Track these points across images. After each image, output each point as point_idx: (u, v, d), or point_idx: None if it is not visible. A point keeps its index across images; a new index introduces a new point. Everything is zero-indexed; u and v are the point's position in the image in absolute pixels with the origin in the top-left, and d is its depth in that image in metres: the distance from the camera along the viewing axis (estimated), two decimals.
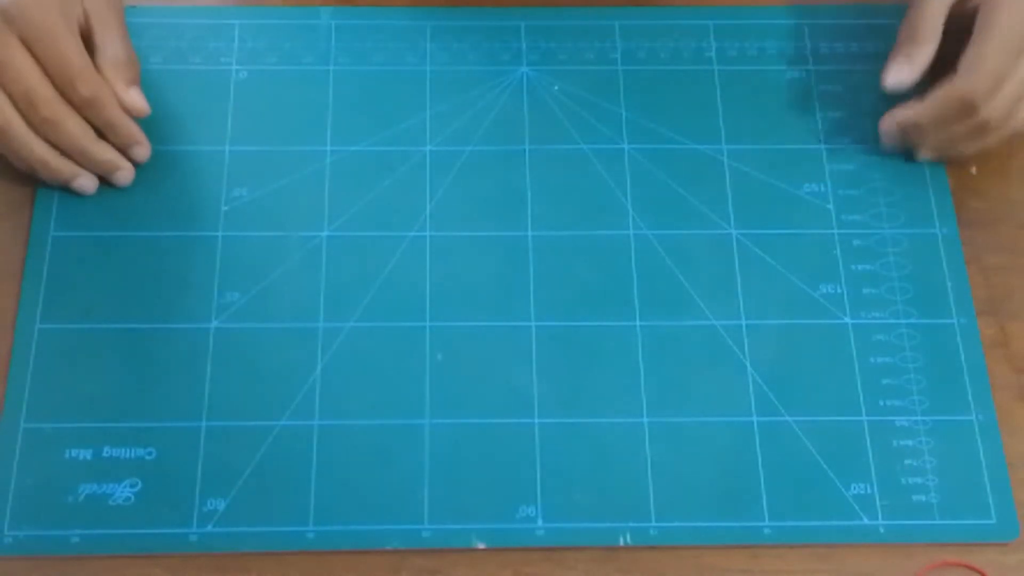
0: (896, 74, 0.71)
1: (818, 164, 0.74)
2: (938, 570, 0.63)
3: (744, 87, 0.76)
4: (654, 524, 0.63)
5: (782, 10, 0.79)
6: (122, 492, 0.63)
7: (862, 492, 0.64)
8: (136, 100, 0.70)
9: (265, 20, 0.77)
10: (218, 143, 0.73)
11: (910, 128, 0.71)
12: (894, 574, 0.63)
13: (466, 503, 0.63)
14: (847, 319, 0.69)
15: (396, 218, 0.71)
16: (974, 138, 0.70)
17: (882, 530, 0.63)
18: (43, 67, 0.66)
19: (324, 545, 0.62)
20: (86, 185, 0.70)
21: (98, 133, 0.69)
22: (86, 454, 0.64)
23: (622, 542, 0.63)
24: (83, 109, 0.68)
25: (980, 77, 0.67)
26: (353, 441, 0.65)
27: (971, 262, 0.71)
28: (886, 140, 0.72)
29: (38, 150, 0.68)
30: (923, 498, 0.64)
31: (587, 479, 0.64)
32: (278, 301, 0.68)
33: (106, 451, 0.64)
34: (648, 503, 0.64)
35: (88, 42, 0.69)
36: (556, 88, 0.76)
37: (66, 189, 0.70)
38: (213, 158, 0.72)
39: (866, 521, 0.64)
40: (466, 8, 0.78)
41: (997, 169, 0.74)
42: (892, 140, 0.72)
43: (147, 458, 0.64)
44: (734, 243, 0.71)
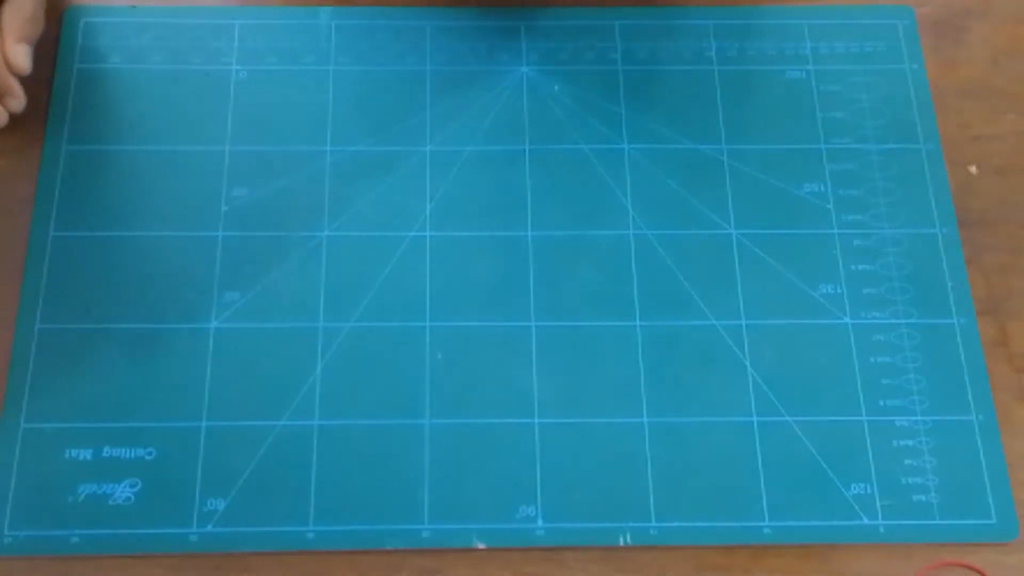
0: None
1: (818, 164, 0.74)
2: (938, 570, 0.63)
3: (744, 87, 0.76)
4: (654, 524, 0.63)
5: (782, 10, 0.79)
6: (122, 492, 0.63)
7: (862, 492, 0.64)
8: (18, 56, 0.69)
9: (265, 20, 0.77)
10: (218, 143, 0.73)
11: None
12: (894, 574, 0.63)
13: (466, 503, 0.64)
14: (847, 319, 0.69)
15: (396, 218, 0.71)
16: None
17: (882, 530, 0.64)
18: None
19: (324, 545, 0.62)
20: None
21: None
22: (86, 454, 0.64)
23: (622, 542, 0.63)
24: None
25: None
26: (353, 441, 0.65)
27: (971, 262, 0.71)
28: None
29: None
30: (923, 498, 0.64)
31: (587, 479, 0.64)
32: (278, 301, 0.68)
33: (106, 451, 0.64)
34: (648, 503, 0.64)
35: None
36: (556, 88, 0.76)
37: None
38: (213, 158, 0.72)
39: (866, 521, 0.64)
40: (466, 8, 0.78)
41: (997, 169, 0.74)
42: None
43: (147, 458, 0.64)
44: (734, 243, 0.71)
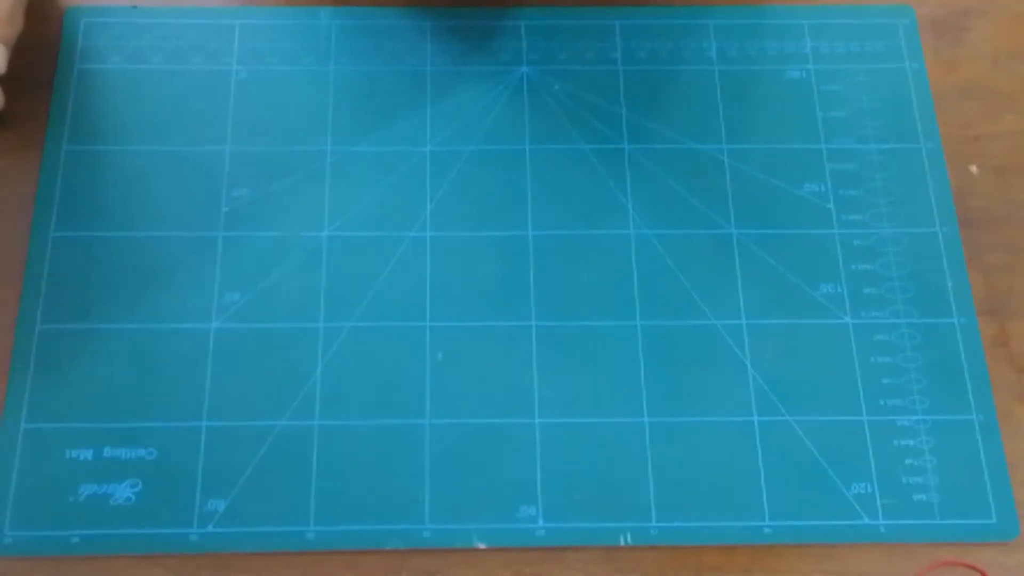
0: None
1: (819, 164, 0.74)
2: (939, 570, 0.63)
3: (744, 87, 0.76)
4: (654, 524, 0.63)
5: (783, 10, 0.79)
6: (123, 492, 0.63)
7: (862, 492, 0.64)
8: None
9: (265, 20, 0.77)
10: (218, 143, 0.73)
11: None
12: (894, 574, 0.63)
13: (466, 503, 0.64)
14: (847, 319, 0.69)
15: (396, 218, 0.71)
16: None
17: (882, 530, 0.64)
18: None
19: (324, 545, 0.62)
20: None
21: None
22: (86, 454, 0.64)
23: (623, 542, 0.63)
24: None
25: None
26: (353, 441, 0.65)
27: (971, 262, 0.71)
28: None
29: None
30: (923, 497, 0.64)
31: (588, 479, 0.64)
32: (278, 301, 0.68)
33: (107, 451, 0.64)
34: (648, 503, 0.64)
35: None
36: (556, 88, 0.76)
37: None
38: (213, 158, 0.72)
39: (866, 521, 0.64)
40: (466, 8, 0.78)
41: (997, 169, 0.74)
42: None
43: (147, 458, 0.64)
44: (734, 243, 0.71)
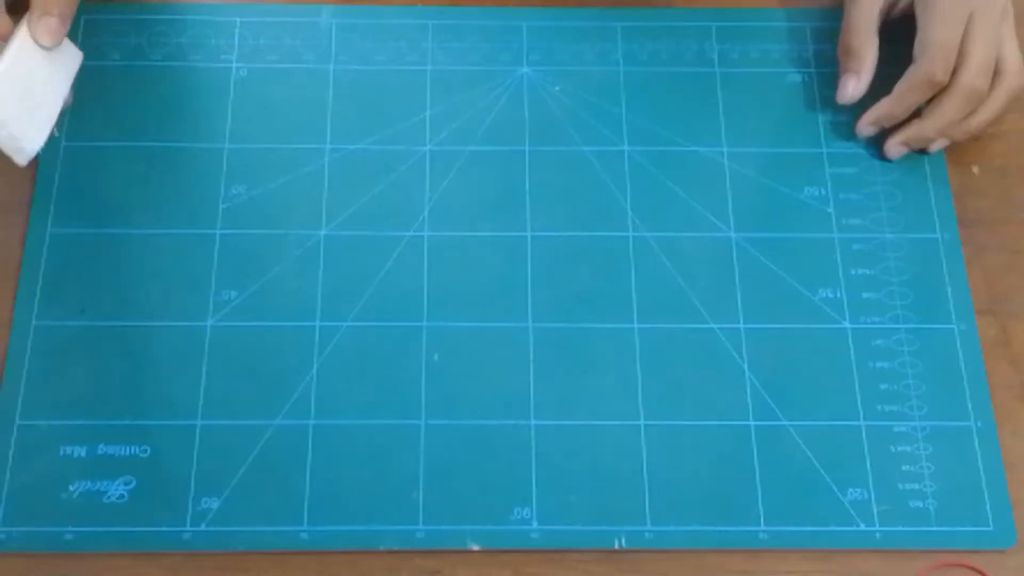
0: (845, 90, 0.73)
1: (819, 167, 0.73)
2: (940, 570, 0.63)
3: (746, 89, 0.76)
4: (649, 528, 0.63)
5: (784, 12, 0.79)
6: (116, 490, 0.63)
7: (859, 497, 0.64)
8: (38, 29, 0.65)
9: (266, 18, 0.77)
10: (217, 140, 0.72)
11: (885, 120, 0.72)
12: (895, 574, 0.63)
13: (461, 504, 0.63)
14: (846, 324, 0.69)
15: (394, 218, 0.71)
16: (971, 112, 0.71)
17: (878, 536, 0.63)
18: None
19: (318, 545, 0.62)
20: None
21: None
22: (80, 451, 0.64)
23: (617, 545, 0.63)
24: None
25: (933, 56, 0.69)
26: (348, 441, 0.64)
27: (972, 261, 0.71)
28: (862, 135, 0.73)
29: None
30: (920, 504, 0.64)
31: (583, 481, 0.64)
32: (275, 299, 0.68)
33: (100, 448, 0.64)
34: (644, 506, 0.63)
35: None
36: (557, 89, 0.76)
37: None
38: (212, 155, 0.72)
39: (863, 527, 0.63)
40: (467, 8, 0.78)
41: (999, 168, 0.74)
42: (868, 134, 0.73)
43: (141, 456, 0.64)
44: (733, 246, 0.71)
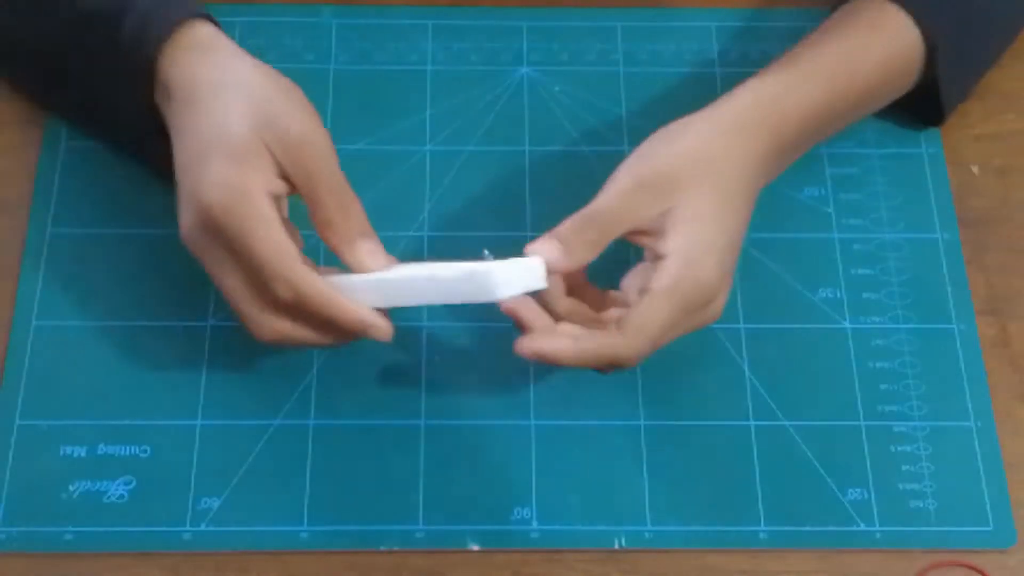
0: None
1: (819, 167, 0.73)
2: (940, 570, 0.63)
3: None
4: (649, 528, 0.63)
5: (785, 13, 0.79)
6: (116, 489, 0.63)
7: (859, 497, 0.64)
8: (359, 253, 0.59)
9: (266, 17, 0.77)
10: None
11: (547, 361, 0.59)
12: (895, 574, 0.63)
13: (461, 504, 0.63)
14: (846, 324, 0.69)
15: (394, 218, 0.71)
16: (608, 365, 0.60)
17: (878, 536, 0.63)
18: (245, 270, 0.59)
19: (317, 545, 0.62)
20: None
21: None
22: (80, 451, 0.64)
23: (616, 545, 0.63)
24: (292, 310, 0.59)
25: (640, 344, 0.59)
26: (348, 441, 0.65)
27: (972, 261, 0.71)
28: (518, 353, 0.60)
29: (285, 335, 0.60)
30: (920, 504, 0.64)
31: (582, 482, 0.64)
32: None
33: (101, 448, 0.64)
34: (643, 506, 0.63)
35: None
36: (557, 89, 0.76)
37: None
38: None
39: (862, 527, 0.63)
40: (468, 8, 0.78)
41: (999, 169, 0.74)
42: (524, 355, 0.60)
43: (141, 456, 0.64)
44: None
